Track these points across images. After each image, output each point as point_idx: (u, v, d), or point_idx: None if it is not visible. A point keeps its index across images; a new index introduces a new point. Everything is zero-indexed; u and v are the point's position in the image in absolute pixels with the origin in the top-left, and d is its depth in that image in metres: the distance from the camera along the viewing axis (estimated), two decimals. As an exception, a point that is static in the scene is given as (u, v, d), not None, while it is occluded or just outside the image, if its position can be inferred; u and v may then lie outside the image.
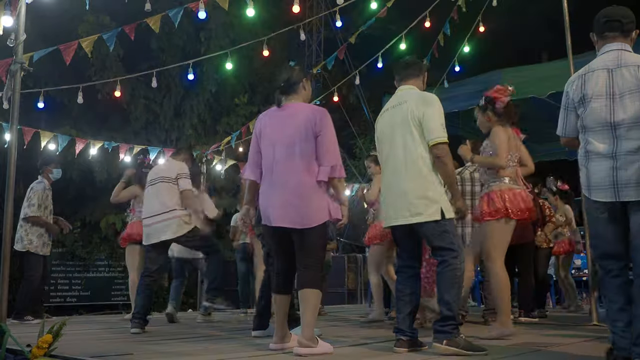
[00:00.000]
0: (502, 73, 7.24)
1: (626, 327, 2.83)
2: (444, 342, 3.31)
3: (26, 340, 3.36)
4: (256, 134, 3.74)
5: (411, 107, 3.55)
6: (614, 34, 3.00)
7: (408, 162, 3.53)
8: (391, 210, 3.64)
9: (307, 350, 3.33)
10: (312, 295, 3.45)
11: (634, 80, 2.85)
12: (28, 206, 6.19)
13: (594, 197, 2.92)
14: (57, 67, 9.61)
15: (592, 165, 2.92)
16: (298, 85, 3.67)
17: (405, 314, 3.55)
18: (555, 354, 3.53)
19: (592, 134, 2.93)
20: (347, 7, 7.30)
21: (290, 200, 3.46)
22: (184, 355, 3.46)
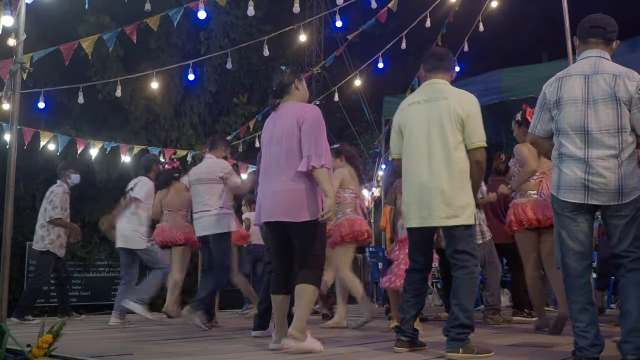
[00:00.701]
0: (502, 73, 7.25)
1: (587, 327, 2.89)
2: (461, 351, 3.23)
3: (26, 340, 3.36)
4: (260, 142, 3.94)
5: (454, 105, 3.40)
6: (596, 41, 3.07)
7: (450, 161, 3.36)
8: (423, 210, 3.42)
9: (294, 344, 3.38)
10: (309, 290, 3.48)
11: (607, 89, 2.91)
12: (52, 208, 6.38)
13: (562, 197, 3.00)
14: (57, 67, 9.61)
15: (565, 167, 2.99)
16: (290, 87, 3.76)
17: (410, 315, 3.52)
18: (555, 354, 3.53)
19: (566, 137, 2.99)
20: (347, 7, 7.30)
21: (282, 195, 3.53)
22: (184, 355, 3.46)
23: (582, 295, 2.94)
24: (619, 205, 2.88)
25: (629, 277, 2.88)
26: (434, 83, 3.59)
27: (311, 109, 3.64)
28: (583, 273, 2.96)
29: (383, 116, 9.80)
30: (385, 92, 10.48)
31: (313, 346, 3.46)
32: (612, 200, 2.88)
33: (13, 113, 3.95)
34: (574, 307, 2.96)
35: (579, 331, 2.91)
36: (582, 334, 2.90)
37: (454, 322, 3.27)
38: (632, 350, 2.80)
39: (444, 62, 3.62)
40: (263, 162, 3.76)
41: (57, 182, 6.64)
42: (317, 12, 14.21)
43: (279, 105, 3.77)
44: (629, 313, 2.84)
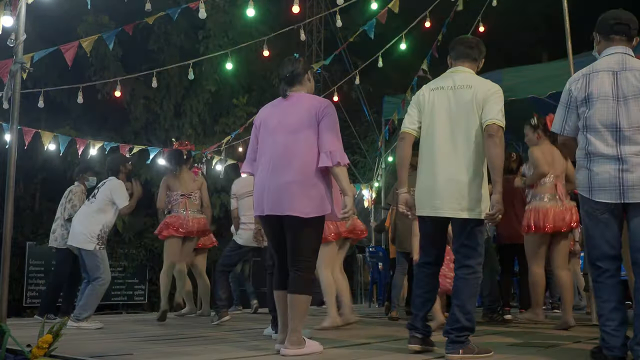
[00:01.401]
0: (502, 73, 7.24)
1: (618, 326, 2.85)
2: (461, 352, 3.19)
3: (26, 340, 3.36)
4: (256, 125, 3.69)
5: (477, 91, 3.31)
6: (620, 37, 3.03)
7: (469, 154, 3.27)
8: (437, 199, 3.31)
9: (293, 351, 3.30)
10: (302, 301, 3.37)
11: (638, 84, 2.87)
12: (71, 207, 6.48)
13: (595, 198, 2.92)
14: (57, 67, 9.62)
15: (596, 166, 2.91)
16: (302, 76, 3.64)
17: (423, 312, 3.44)
18: (555, 353, 3.53)
19: (595, 134, 2.92)
20: (347, 7, 7.30)
21: (290, 187, 3.36)
22: (184, 355, 3.46)
23: (615, 295, 2.89)
24: None
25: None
26: (458, 71, 3.48)
27: (330, 104, 3.56)
28: (615, 273, 2.92)
29: (383, 116, 9.79)
30: (385, 92, 10.47)
31: (313, 349, 3.42)
32: None
33: (13, 113, 3.94)
34: (605, 306, 2.90)
35: (611, 330, 2.86)
36: (614, 333, 2.85)
37: (455, 324, 3.24)
38: None
39: (472, 50, 3.51)
40: (263, 151, 3.56)
41: (75, 183, 6.81)
42: (317, 12, 14.19)
43: (289, 94, 3.62)
44: None
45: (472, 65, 3.52)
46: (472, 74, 3.48)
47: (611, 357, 2.85)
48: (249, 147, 3.74)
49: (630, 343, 2.83)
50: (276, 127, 3.54)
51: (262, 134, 3.62)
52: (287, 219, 3.39)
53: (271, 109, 3.69)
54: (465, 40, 3.61)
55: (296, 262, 3.40)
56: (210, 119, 13.54)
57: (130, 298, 11.97)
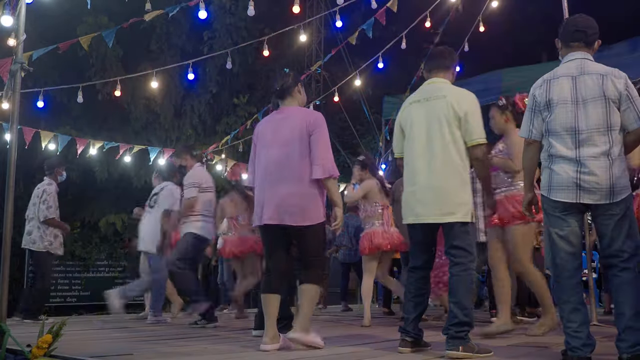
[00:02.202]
0: (502, 73, 7.25)
1: (579, 327, 2.91)
2: (460, 349, 3.23)
3: (26, 340, 3.36)
4: (254, 140, 3.92)
5: (452, 103, 3.43)
6: (578, 44, 3.12)
7: (446, 159, 3.40)
8: (419, 206, 3.46)
9: (299, 335, 3.52)
10: (312, 289, 3.62)
11: (596, 88, 2.96)
12: (46, 208, 6.32)
13: (553, 197, 3.01)
14: (57, 67, 9.63)
15: (556, 166, 3.01)
16: (293, 89, 3.84)
17: (414, 315, 3.51)
18: (555, 354, 3.52)
19: (556, 137, 3.02)
20: (347, 7, 7.30)
21: (287, 199, 3.58)
22: (184, 355, 3.46)
23: (574, 296, 2.96)
24: (610, 204, 2.90)
25: (622, 277, 2.90)
26: (433, 82, 3.63)
27: (320, 116, 3.76)
28: (574, 273, 2.99)
29: (383, 116, 9.80)
30: (385, 92, 10.48)
31: (316, 340, 3.59)
32: (603, 199, 2.90)
33: (13, 113, 3.94)
34: (565, 307, 2.98)
35: (571, 331, 2.93)
36: (574, 334, 2.92)
37: (453, 320, 3.29)
38: (627, 348, 2.83)
39: (444, 60, 3.67)
40: (260, 165, 3.76)
41: (46, 179, 6.51)
42: (317, 12, 14.20)
43: (281, 107, 3.84)
44: (623, 312, 2.87)
45: (446, 74, 3.66)
46: (446, 83, 3.63)
47: (576, 358, 2.91)
48: (249, 160, 3.95)
49: (615, 341, 2.90)
50: (270, 140, 3.75)
51: (258, 148, 3.84)
52: (289, 229, 3.62)
53: (266, 123, 3.90)
54: (436, 51, 3.76)
55: (306, 262, 3.68)
56: (211, 119, 13.54)
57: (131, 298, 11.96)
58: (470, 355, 3.23)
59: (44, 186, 6.44)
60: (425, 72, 3.72)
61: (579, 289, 2.98)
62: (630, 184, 3.05)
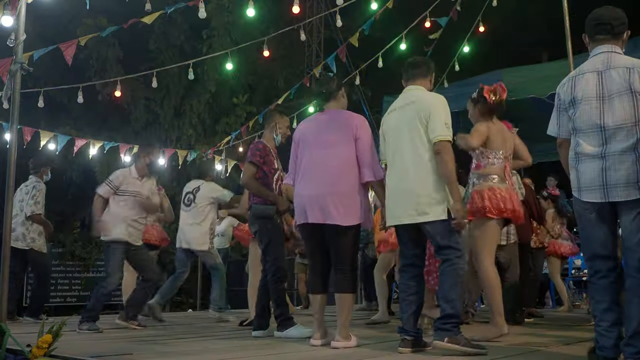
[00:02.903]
0: (502, 73, 7.23)
1: (611, 327, 2.86)
2: (445, 340, 3.31)
3: (26, 340, 3.36)
4: (295, 141, 4.02)
5: (419, 107, 3.57)
6: (604, 37, 3.02)
7: (416, 162, 3.53)
8: (397, 209, 3.61)
9: (343, 344, 3.69)
10: (347, 299, 3.76)
11: (622, 82, 2.87)
12: (34, 204, 6.22)
13: (583, 198, 2.95)
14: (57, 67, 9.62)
15: (582, 166, 2.95)
16: (337, 93, 3.99)
17: (409, 314, 3.55)
18: (555, 354, 3.53)
19: (583, 135, 2.96)
20: (347, 7, 7.30)
21: (331, 198, 3.68)
22: (184, 355, 3.46)
23: (608, 295, 2.89)
24: (637, 200, 2.80)
25: (635, 277, 2.80)
26: (409, 89, 3.77)
27: (365, 120, 3.90)
28: (608, 274, 2.91)
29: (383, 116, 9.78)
30: (385, 92, 10.48)
31: (355, 342, 3.78)
32: (631, 195, 2.80)
33: (13, 113, 3.95)
34: (598, 307, 2.92)
35: (602, 330, 2.87)
36: (605, 333, 2.86)
37: (440, 313, 3.41)
38: (633, 354, 2.76)
39: (419, 69, 3.79)
40: (303, 164, 3.85)
41: (32, 177, 6.40)
42: (317, 12, 14.19)
43: (325, 109, 3.96)
44: (632, 316, 2.80)
45: (424, 82, 3.78)
46: (421, 90, 3.74)
47: (602, 357, 2.87)
48: (290, 160, 4.05)
49: (621, 344, 2.84)
50: (313, 141, 3.86)
51: (301, 148, 3.94)
52: (327, 228, 3.71)
53: (308, 124, 4.03)
54: (412, 61, 3.85)
55: (340, 265, 3.77)
56: (211, 119, 13.54)
57: (169, 299, 11.93)
58: (453, 347, 3.29)
59: (34, 183, 6.33)
60: (404, 82, 3.84)
61: (612, 289, 2.90)
62: None
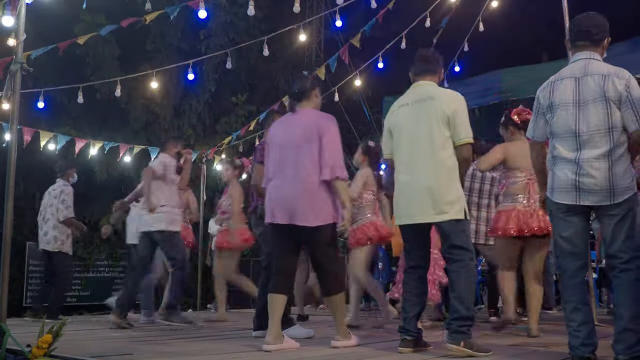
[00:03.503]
0: (502, 73, 7.23)
1: (579, 326, 2.93)
2: (462, 344, 3.26)
3: (26, 340, 3.36)
4: (267, 141, 3.98)
5: (440, 104, 3.48)
6: (583, 43, 3.11)
7: (434, 159, 3.45)
8: (412, 207, 3.51)
9: (342, 343, 3.70)
10: (339, 300, 3.73)
11: (597, 89, 2.94)
12: (65, 208, 6.43)
13: (555, 199, 3.04)
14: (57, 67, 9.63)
15: (557, 168, 3.03)
16: (310, 92, 3.89)
17: (412, 315, 3.52)
18: (555, 354, 3.53)
19: (559, 140, 3.04)
20: (347, 7, 7.30)
21: (296, 200, 3.63)
22: (184, 355, 3.47)
23: (575, 295, 2.98)
24: (611, 205, 2.90)
25: (621, 278, 2.91)
26: (421, 85, 3.68)
27: (332, 119, 3.80)
28: (576, 273, 3.01)
29: (383, 116, 9.77)
30: (385, 92, 10.48)
31: (355, 341, 3.79)
32: (603, 200, 2.91)
33: (13, 113, 3.95)
34: (567, 307, 3.01)
35: (572, 330, 2.96)
36: (574, 333, 2.94)
37: (454, 314, 3.33)
38: (624, 350, 2.83)
39: (430, 64, 3.71)
40: (275, 164, 3.80)
41: (60, 181, 6.60)
42: (317, 12, 14.20)
43: (297, 109, 3.88)
44: (621, 314, 2.88)
45: (433, 78, 3.70)
46: (433, 86, 3.67)
47: (573, 356, 2.93)
48: (265, 162, 3.99)
49: (612, 342, 2.90)
50: (282, 141, 3.81)
51: (271, 149, 3.88)
52: (296, 228, 3.65)
53: (279, 124, 3.95)
54: (422, 55, 3.78)
55: (319, 267, 3.78)
56: (210, 119, 13.53)
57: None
58: (469, 352, 3.26)
59: (61, 187, 6.53)
60: (412, 76, 3.76)
61: (581, 288, 3.00)
62: None
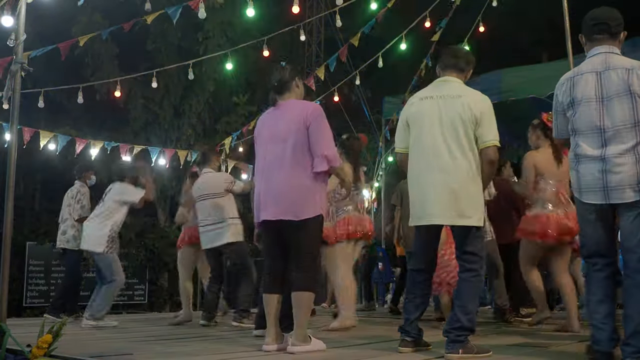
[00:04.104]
0: (502, 73, 7.24)
1: (604, 318, 2.88)
2: (460, 352, 3.22)
3: (26, 340, 3.36)
4: (254, 138, 3.85)
5: (469, 104, 3.36)
6: (601, 37, 3.03)
7: (463, 161, 3.32)
8: (433, 207, 3.35)
9: (300, 348, 3.41)
10: (306, 298, 3.48)
11: (621, 83, 2.88)
12: (81, 207, 6.66)
13: (584, 200, 2.97)
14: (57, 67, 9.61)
15: (582, 167, 2.96)
16: (290, 83, 3.72)
17: (413, 318, 3.48)
18: (555, 354, 3.53)
19: (582, 137, 2.97)
20: (347, 7, 7.31)
21: (283, 193, 3.49)
22: (184, 355, 3.46)
23: (601, 289, 2.91)
24: (635, 201, 2.81)
25: (634, 279, 2.82)
26: (447, 80, 3.53)
27: (317, 107, 3.64)
28: (602, 268, 2.94)
29: (383, 116, 9.80)
30: (385, 92, 10.49)
31: (318, 346, 3.53)
32: (630, 197, 2.82)
33: (13, 113, 3.94)
34: (592, 299, 2.94)
35: (597, 322, 2.89)
36: (600, 325, 2.87)
37: (455, 323, 3.26)
38: (632, 354, 2.77)
39: (458, 60, 3.56)
40: (262, 160, 3.68)
41: (77, 182, 6.83)
42: (317, 12, 14.19)
43: (279, 102, 3.72)
44: (631, 316, 2.81)
45: (460, 75, 3.57)
46: (460, 83, 3.54)
47: (597, 351, 2.88)
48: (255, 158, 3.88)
49: (621, 344, 2.85)
50: (267, 136, 3.66)
51: (257, 144, 3.75)
52: (283, 223, 3.51)
53: (264, 119, 3.80)
54: (453, 50, 3.67)
55: (297, 262, 3.51)
56: (210, 119, 13.52)
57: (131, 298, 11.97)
58: (469, 356, 3.22)
59: (78, 188, 6.78)
60: (439, 69, 3.61)
61: (607, 282, 2.92)
62: None
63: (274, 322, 3.60)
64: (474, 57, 3.65)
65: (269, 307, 3.60)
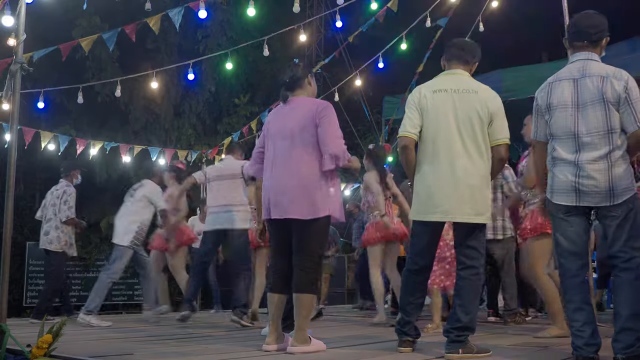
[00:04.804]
0: (502, 73, 7.24)
1: (582, 326, 2.93)
2: (460, 351, 3.22)
3: (26, 340, 3.36)
4: (263, 132, 3.82)
5: (483, 100, 3.34)
6: (581, 44, 3.11)
7: (479, 157, 3.30)
8: (449, 203, 3.28)
9: (300, 349, 3.40)
10: (307, 300, 3.46)
11: (595, 91, 2.95)
12: (68, 208, 6.48)
13: (555, 200, 3.06)
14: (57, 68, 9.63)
15: (557, 170, 3.04)
16: (303, 80, 3.71)
17: (411, 318, 3.46)
18: (555, 354, 3.53)
19: (558, 141, 3.05)
20: (347, 7, 7.31)
21: (292, 191, 3.46)
22: (184, 355, 3.46)
23: (578, 295, 2.98)
24: (611, 206, 2.92)
25: (621, 278, 2.93)
26: (457, 73, 3.48)
27: (328, 105, 3.60)
28: (578, 273, 3.02)
29: (383, 116, 9.79)
30: (386, 92, 10.48)
31: (319, 347, 3.52)
32: (603, 201, 2.92)
33: (13, 113, 3.94)
34: (570, 307, 3.01)
35: (575, 330, 2.95)
36: (578, 333, 2.94)
37: (456, 323, 3.26)
38: (622, 349, 2.85)
39: (464, 52, 3.51)
40: (267, 157, 3.65)
41: (63, 181, 6.62)
42: (317, 12, 14.20)
43: (290, 98, 3.71)
44: (619, 313, 2.89)
45: (466, 68, 3.52)
46: (470, 77, 3.51)
47: (577, 356, 2.93)
48: (254, 149, 3.85)
49: (611, 340, 2.91)
50: (277, 132, 3.63)
51: (267, 141, 3.72)
52: (291, 222, 3.49)
53: (274, 115, 3.79)
54: (460, 42, 3.62)
55: (300, 261, 3.49)
56: (210, 119, 13.53)
57: (130, 298, 11.97)
58: (469, 356, 3.23)
59: (64, 187, 6.56)
60: (444, 61, 3.56)
61: (583, 288, 2.99)
62: None
63: (277, 322, 3.58)
64: (480, 51, 3.60)
65: (272, 306, 3.59)
